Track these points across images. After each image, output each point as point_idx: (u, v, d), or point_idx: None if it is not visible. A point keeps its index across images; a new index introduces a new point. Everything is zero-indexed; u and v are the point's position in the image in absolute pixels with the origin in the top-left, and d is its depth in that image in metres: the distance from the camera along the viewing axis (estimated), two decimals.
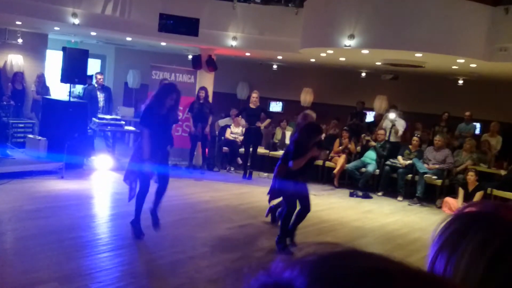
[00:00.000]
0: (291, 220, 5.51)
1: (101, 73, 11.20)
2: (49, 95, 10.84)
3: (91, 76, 11.33)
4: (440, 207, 8.66)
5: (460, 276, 0.63)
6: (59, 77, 8.98)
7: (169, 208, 6.89)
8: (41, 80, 11.21)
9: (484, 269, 0.61)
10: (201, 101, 9.66)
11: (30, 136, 9.24)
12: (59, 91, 11.92)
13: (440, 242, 0.65)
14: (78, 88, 12.29)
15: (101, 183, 8.26)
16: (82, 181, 8.02)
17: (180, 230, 5.85)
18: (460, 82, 11.80)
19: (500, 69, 8.93)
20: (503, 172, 8.90)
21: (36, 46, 11.80)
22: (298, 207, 5.52)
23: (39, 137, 8.87)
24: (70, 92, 9.23)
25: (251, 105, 9.83)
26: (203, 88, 9.79)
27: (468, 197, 8.30)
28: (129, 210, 6.51)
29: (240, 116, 10.34)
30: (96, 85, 10.45)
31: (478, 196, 8.23)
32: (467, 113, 10.93)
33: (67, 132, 8.47)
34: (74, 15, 8.85)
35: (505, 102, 11.66)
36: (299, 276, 0.43)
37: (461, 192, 8.35)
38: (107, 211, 6.70)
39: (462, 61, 8.33)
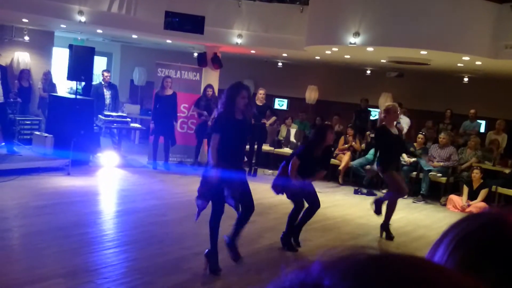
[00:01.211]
0: (297, 218, 5.54)
1: (107, 70, 11.26)
2: (56, 92, 10.91)
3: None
4: (444, 205, 8.66)
5: None
6: (66, 75, 9.05)
7: (175, 205, 6.95)
8: (47, 78, 11.28)
9: (449, 254, 0.60)
10: (209, 98, 9.73)
11: (37, 133, 9.32)
12: (62, 88, 11.99)
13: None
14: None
15: (107, 180, 8.32)
16: (88, 178, 8.08)
17: (185, 227, 5.89)
18: (465, 79, 11.76)
19: (506, 67, 8.90)
20: (507, 170, 8.88)
21: (42, 44, 11.88)
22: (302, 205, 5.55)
23: (46, 134, 8.95)
24: (76, 89, 9.29)
25: (257, 102, 9.86)
26: (210, 86, 9.86)
27: (472, 194, 8.30)
28: (134, 207, 6.57)
29: None
30: (103, 83, 10.50)
31: (482, 193, 8.23)
32: (472, 111, 10.89)
33: (73, 129, 8.53)
34: (81, 12, 8.90)
35: (510, 99, 11.61)
36: (341, 283, 0.42)
37: (465, 189, 8.35)
38: (113, 208, 6.76)
39: (467, 58, 8.31)
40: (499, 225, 0.61)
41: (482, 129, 11.59)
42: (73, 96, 9.21)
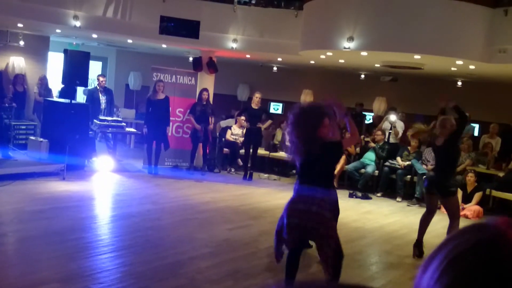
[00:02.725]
0: None
1: (103, 75, 11.26)
2: (52, 97, 10.91)
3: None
4: (439, 208, 8.68)
5: None
6: (61, 79, 9.04)
7: (170, 209, 6.96)
8: (43, 82, 11.28)
9: (439, 275, 0.55)
10: (204, 103, 9.74)
11: (32, 137, 9.30)
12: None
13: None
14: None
15: (103, 185, 8.32)
16: (84, 183, 8.08)
17: (181, 231, 5.91)
18: (459, 83, 11.85)
19: (499, 71, 8.97)
20: (501, 173, 8.95)
21: (38, 49, 11.87)
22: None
23: (41, 139, 8.94)
24: (72, 92, 9.29)
25: (253, 106, 9.89)
26: (206, 90, 9.87)
27: (467, 198, 8.35)
28: (129, 211, 6.58)
29: (242, 116, 10.38)
30: (98, 87, 10.51)
31: (476, 197, 8.28)
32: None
33: (68, 133, 8.53)
34: (76, 17, 8.92)
35: (503, 103, 11.69)
36: None
37: (459, 193, 8.38)
38: (108, 213, 6.76)
39: (461, 62, 8.37)
40: (496, 243, 0.54)
41: (476, 133, 11.67)
42: (67, 100, 9.21)
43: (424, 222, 5.92)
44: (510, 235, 0.54)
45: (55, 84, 11.84)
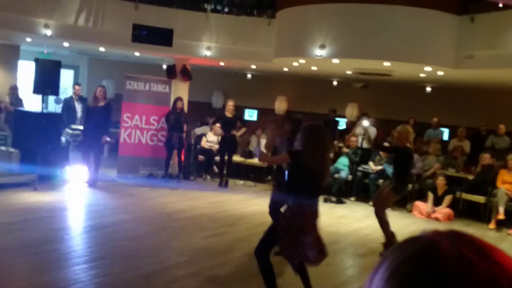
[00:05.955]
0: None
1: (78, 84, 11.16)
2: (23, 106, 10.73)
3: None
4: (410, 211, 8.87)
5: None
6: (32, 89, 8.90)
7: (145, 218, 6.92)
8: (14, 92, 11.09)
9: (383, 285, 0.61)
10: (178, 112, 9.72)
11: (3, 148, 9.13)
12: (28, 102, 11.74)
13: None
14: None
15: (75, 195, 8.21)
16: (56, 193, 7.97)
17: (156, 240, 5.89)
18: (428, 89, 12.13)
19: (467, 76, 9.23)
20: (470, 177, 9.18)
21: (7, 57, 11.68)
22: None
23: (12, 149, 8.77)
24: (42, 103, 9.15)
25: (227, 113, 9.92)
26: (180, 99, 9.86)
27: (437, 201, 8.55)
28: (103, 222, 6.52)
29: (217, 124, 10.39)
30: (74, 96, 10.40)
31: (447, 200, 8.48)
32: (435, 119, 11.23)
33: (40, 143, 8.39)
34: (46, 26, 8.82)
35: (471, 107, 12.02)
36: None
37: (430, 196, 8.59)
38: (81, 223, 6.69)
39: (429, 69, 8.59)
40: (429, 254, 0.61)
41: (446, 137, 11.95)
42: (39, 110, 9.07)
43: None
44: (442, 246, 0.60)
45: (26, 93, 11.65)
